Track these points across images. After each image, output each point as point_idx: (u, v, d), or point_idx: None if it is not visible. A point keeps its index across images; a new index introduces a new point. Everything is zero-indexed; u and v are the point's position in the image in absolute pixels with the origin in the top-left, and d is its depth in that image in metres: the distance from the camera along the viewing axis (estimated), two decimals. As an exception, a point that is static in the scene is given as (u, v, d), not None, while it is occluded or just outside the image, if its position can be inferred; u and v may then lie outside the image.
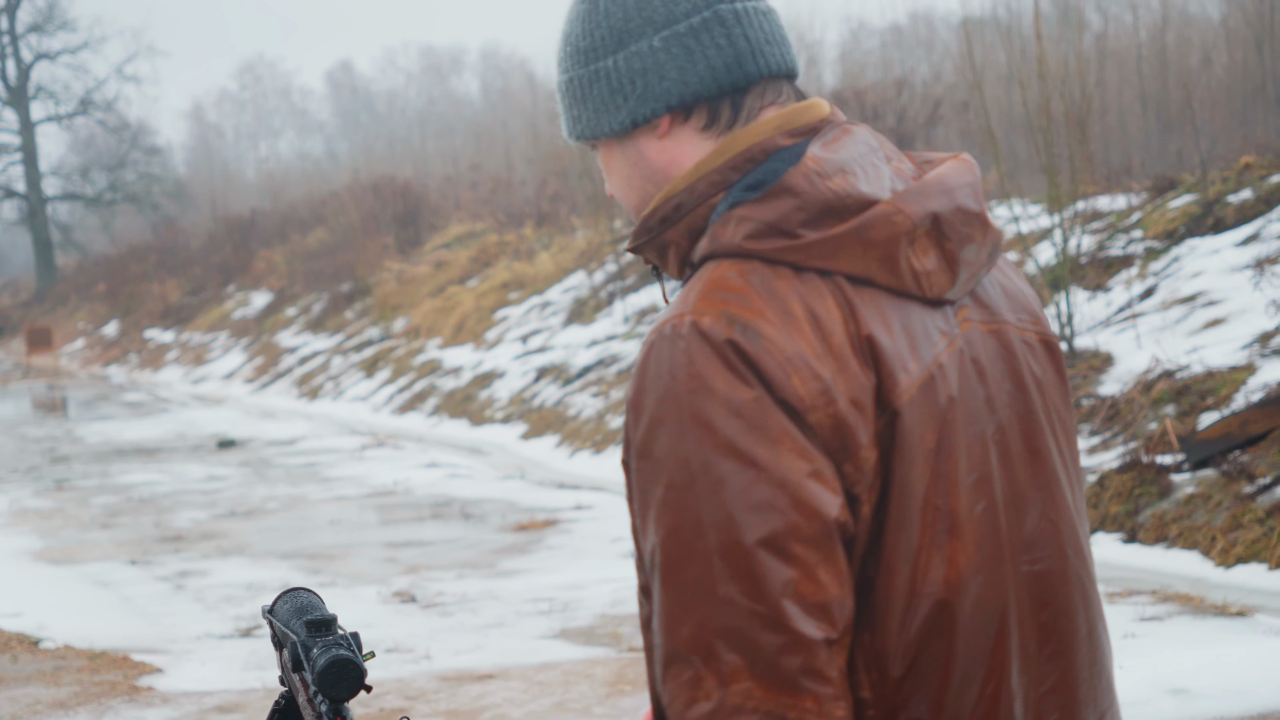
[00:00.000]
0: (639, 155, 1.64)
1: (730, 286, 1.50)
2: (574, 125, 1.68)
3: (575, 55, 1.65)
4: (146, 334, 33.76)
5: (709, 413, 1.45)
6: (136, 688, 6.65)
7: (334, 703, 1.87)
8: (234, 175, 57.76)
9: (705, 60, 1.59)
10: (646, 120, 1.61)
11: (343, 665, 1.85)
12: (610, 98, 1.62)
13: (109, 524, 11.63)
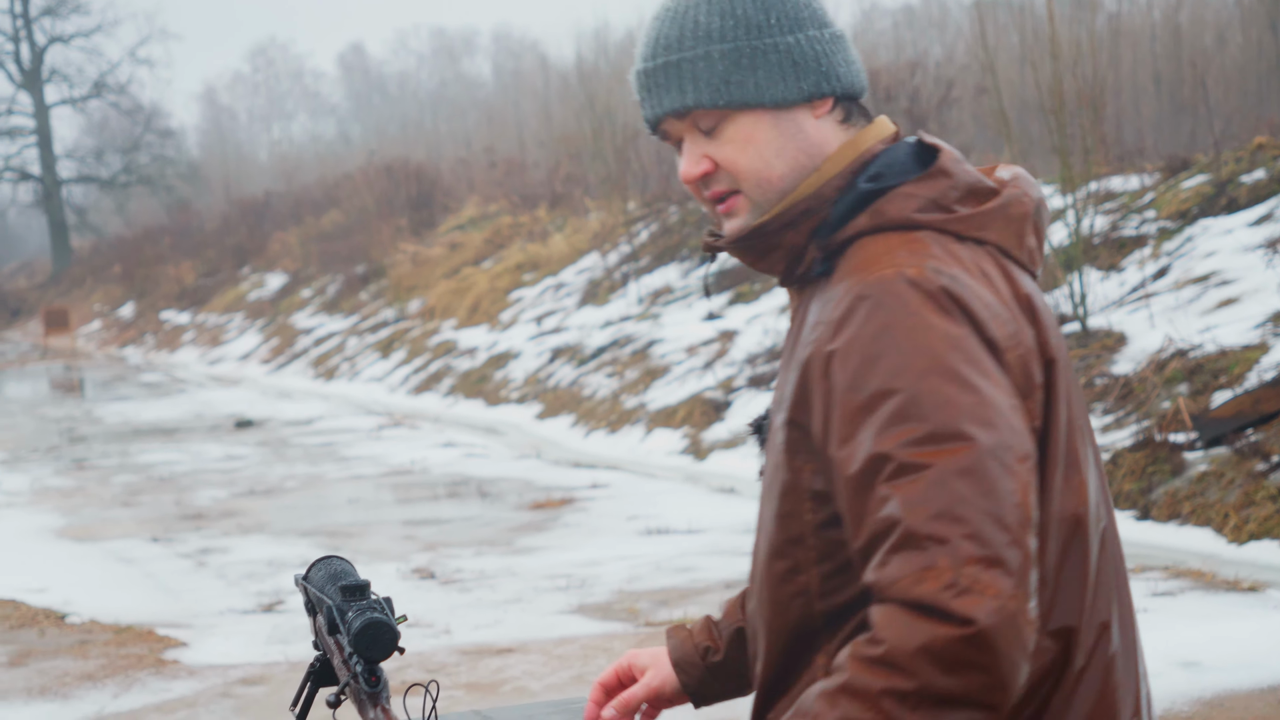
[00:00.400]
0: (797, 128, 1.75)
1: (920, 247, 1.68)
2: (729, 91, 1.74)
3: (746, 28, 1.74)
4: (162, 315, 33.91)
5: (931, 344, 1.61)
6: (162, 661, 6.76)
7: (369, 663, 1.95)
8: (247, 157, 57.90)
9: (855, 65, 1.79)
10: (819, 97, 1.75)
11: (378, 627, 1.93)
12: (789, 69, 1.74)
13: (130, 502, 11.75)
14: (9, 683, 6.55)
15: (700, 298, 16.42)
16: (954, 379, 1.60)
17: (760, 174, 1.75)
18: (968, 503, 1.54)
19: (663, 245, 18.75)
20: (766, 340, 13.76)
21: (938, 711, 1.51)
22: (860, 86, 1.79)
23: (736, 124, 1.75)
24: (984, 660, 1.51)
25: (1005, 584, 1.52)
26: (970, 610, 1.50)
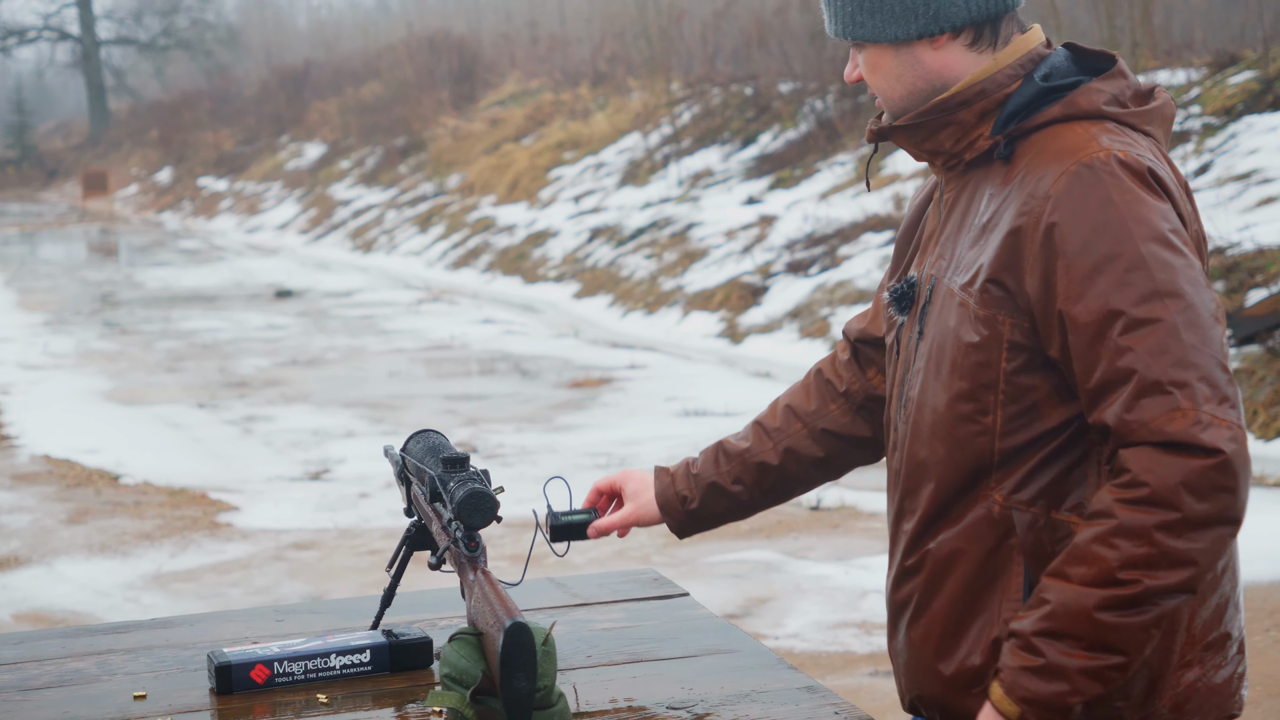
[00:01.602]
0: (915, 60, 2.03)
1: (1118, 134, 1.96)
2: (855, 28, 2.04)
3: None
4: (200, 182, 34.02)
5: (1148, 215, 1.89)
6: (216, 524, 6.98)
7: (469, 530, 2.10)
8: (286, 24, 57.54)
9: None
10: (932, 35, 2.01)
11: (480, 497, 2.08)
12: (903, 13, 2.01)
13: (174, 368, 11.96)
14: (70, 539, 6.78)
15: (740, 181, 16.48)
16: (1168, 245, 1.87)
17: (885, 92, 2.06)
18: (1197, 350, 1.82)
19: (704, 128, 18.74)
20: (806, 226, 13.82)
21: (1199, 533, 1.79)
22: (992, 12, 2.01)
23: (868, 51, 2.06)
24: (1230, 483, 1.80)
25: (1234, 416, 1.82)
26: (1216, 441, 1.79)
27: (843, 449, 2.30)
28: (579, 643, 2.33)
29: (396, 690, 2.18)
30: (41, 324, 14.89)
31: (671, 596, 2.54)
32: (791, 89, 18.53)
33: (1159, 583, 1.80)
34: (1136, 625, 1.82)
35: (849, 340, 2.31)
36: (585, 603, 2.54)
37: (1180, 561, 1.80)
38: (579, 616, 2.46)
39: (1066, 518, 1.94)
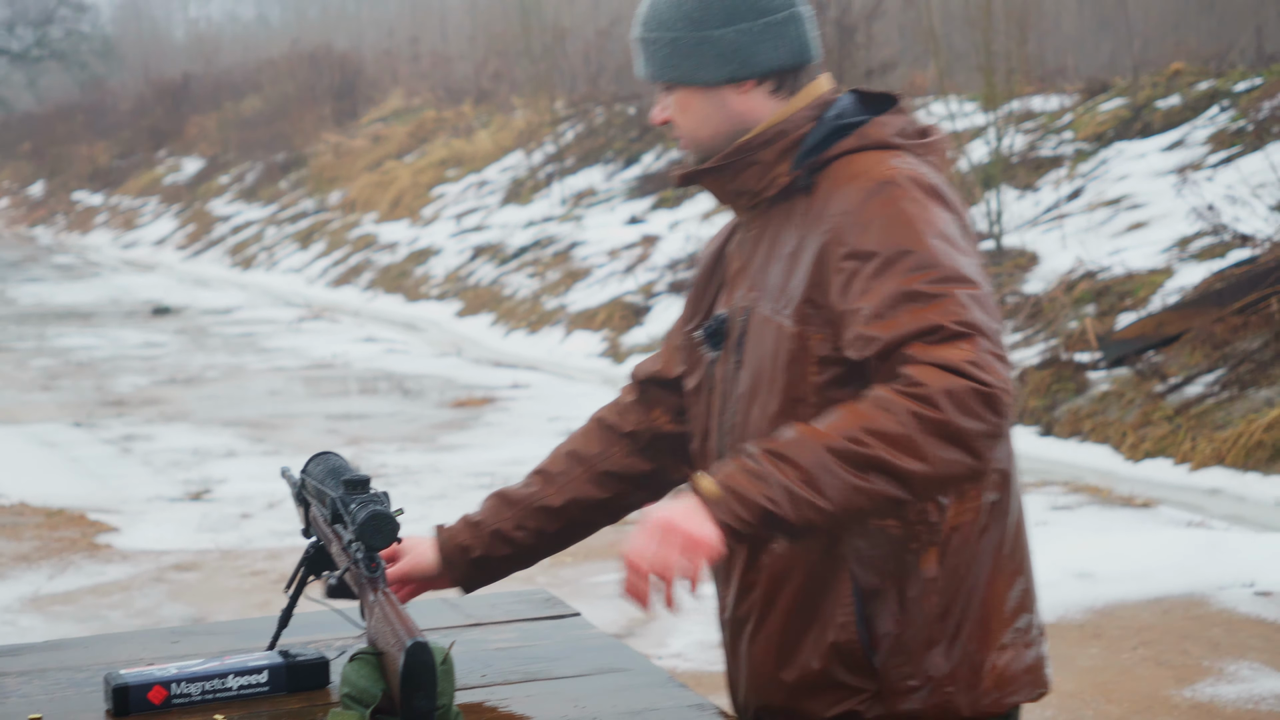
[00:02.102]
0: (723, 103, 2.16)
1: (905, 158, 2.12)
2: (669, 70, 2.17)
3: (687, 21, 2.15)
4: (74, 196, 33.47)
5: (935, 219, 2.04)
6: (95, 545, 6.91)
7: (370, 551, 2.14)
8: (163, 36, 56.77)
9: (787, 45, 2.17)
10: (740, 80, 2.15)
11: (382, 518, 2.12)
12: (716, 58, 2.15)
13: (50, 386, 11.79)
14: (-54, 562, 6.69)
15: (623, 201, 16.58)
16: (955, 244, 2.03)
17: (692, 134, 2.19)
18: (987, 319, 1.97)
19: (588, 147, 18.83)
20: (688, 246, 13.95)
21: (944, 443, 1.89)
22: (794, 63, 2.16)
23: (679, 94, 2.19)
24: (990, 419, 1.91)
25: (1009, 377, 1.96)
26: (987, 378, 1.92)
27: (625, 490, 2.41)
28: (473, 662, 2.38)
29: (294, 710, 2.22)
30: (-89, 341, 14.60)
31: (563, 616, 2.60)
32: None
33: (891, 460, 1.89)
34: (851, 484, 1.89)
35: (637, 382, 2.42)
36: (479, 623, 2.59)
37: (918, 454, 1.89)
38: (473, 636, 2.51)
39: (882, 523, 2.05)
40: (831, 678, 2.09)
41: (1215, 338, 8.65)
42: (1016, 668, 2.12)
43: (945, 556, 2.08)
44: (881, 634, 2.08)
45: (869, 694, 2.08)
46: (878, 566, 2.07)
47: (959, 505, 2.08)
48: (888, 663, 2.08)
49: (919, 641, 2.08)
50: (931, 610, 2.08)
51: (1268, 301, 8.60)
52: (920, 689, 2.08)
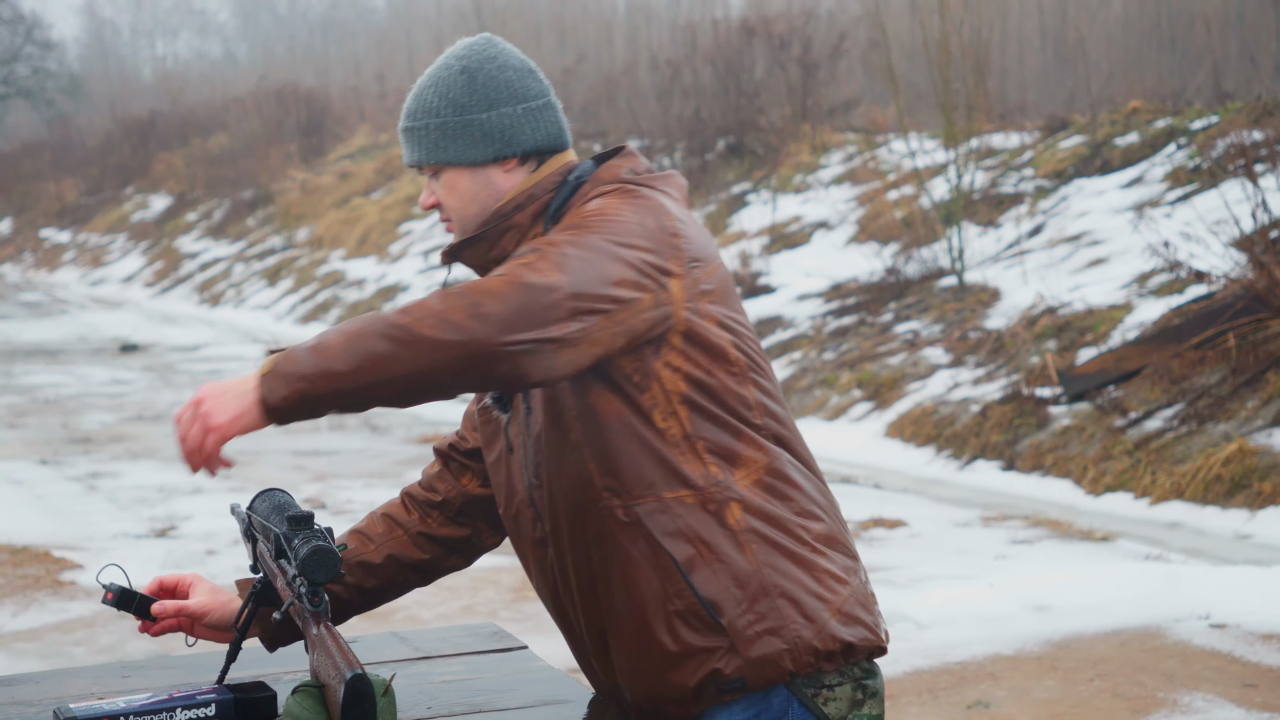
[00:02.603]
0: (489, 181, 2.34)
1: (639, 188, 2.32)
2: (439, 153, 2.34)
3: (453, 107, 2.33)
4: (42, 233, 33.40)
5: (620, 214, 2.23)
6: (59, 582, 6.91)
7: (313, 585, 2.19)
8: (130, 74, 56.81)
9: (545, 129, 2.36)
10: (505, 159, 2.33)
11: (324, 554, 2.17)
12: (483, 138, 2.32)
13: (16, 424, 11.77)
14: (-93, 600, 6.68)
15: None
16: (620, 241, 2.21)
17: (461, 212, 2.35)
18: (567, 277, 2.15)
19: (553, 183, 18.92)
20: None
21: (445, 324, 2.06)
22: (552, 145, 2.35)
23: (447, 175, 2.35)
24: (494, 306, 2.08)
25: (553, 298, 2.13)
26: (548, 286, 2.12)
27: (440, 553, 2.52)
28: (419, 695, 2.42)
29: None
30: (-125, 379, 14.56)
31: (510, 650, 2.64)
32: (639, 146, 18.79)
33: (399, 321, 2.08)
34: (353, 338, 2.07)
35: (440, 454, 2.55)
36: (426, 656, 2.63)
37: (426, 324, 2.08)
38: (420, 669, 2.55)
39: (676, 494, 2.21)
40: (688, 646, 2.20)
41: (1174, 373, 8.76)
42: (852, 601, 2.24)
43: (748, 509, 2.21)
44: (713, 593, 2.19)
45: (724, 648, 2.19)
46: (685, 535, 2.20)
47: (745, 467, 2.23)
48: (730, 616, 2.19)
49: (753, 589, 2.19)
50: (754, 559, 2.20)
51: (1224, 337, 8.71)
52: (767, 632, 2.19)
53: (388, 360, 2.07)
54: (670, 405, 2.21)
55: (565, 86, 22.36)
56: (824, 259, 13.26)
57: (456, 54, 2.37)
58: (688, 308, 2.21)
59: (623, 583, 2.24)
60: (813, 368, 11.09)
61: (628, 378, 2.21)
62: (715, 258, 2.29)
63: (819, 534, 2.25)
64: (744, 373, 2.25)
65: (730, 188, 16.45)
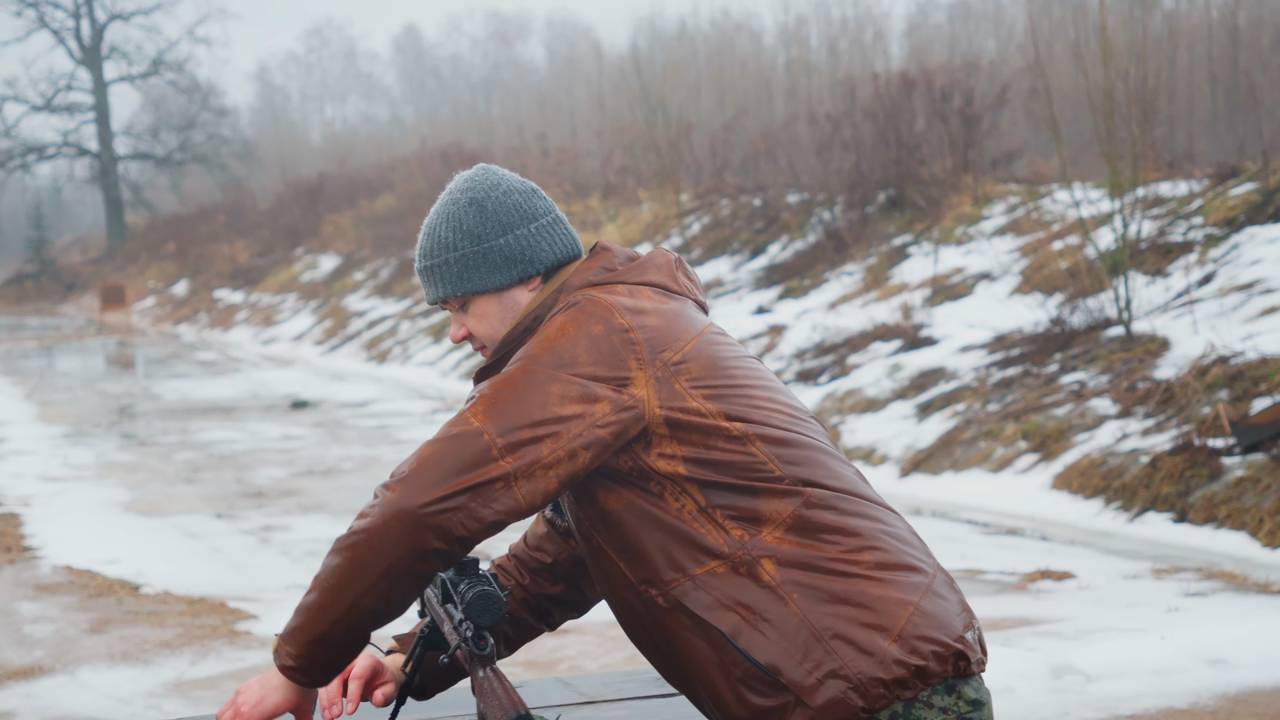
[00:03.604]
0: (514, 302, 2.43)
1: (590, 293, 2.38)
2: (462, 284, 2.42)
3: (469, 238, 2.42)
4: (216, 294, 34.39)
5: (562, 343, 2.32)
6: (235, 632, 7.09)
7: (479, 629, 2.24)
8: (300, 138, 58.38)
9: (560, 242, 2.44)
10: (528, 279, 2.42)
11: (489, 598, 2.23)
12: (504, 263, 2.41)
13: (192, 479, 12.11)
14: (93, 648, 6.90)
15: (750, 291, 16.69)
16: (552, 370, 2.27)
17: (492, 337, 2.44)
18: (480, 426, 2.28)
19: (714, 238, 19.01)
20: (815, 335, 14.01)
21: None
22: (569, 257, 2.44)
23: (475, 305, 2.44)
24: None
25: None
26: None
27: (551, 609, 2.58)
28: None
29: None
30: (61, 436, 15.07)
31: (673, 695, 2.67)
32: (799, 200, 18.82)
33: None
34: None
35: (546, 518, 2.60)
36: (591, 700, 2.67)
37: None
38: (585, 714, 2.59)
39: (706, 568, 2.22)
40: (757, 708, 2.21)
41: (1351, 422, 8.50)
42: (919, 622, 2.20)
43: (782, 562, 2.21)
44: (767, 655, 2.19)
45: (791, 703, 2.19)
46: (725, 605, 2.21)
47: (770, 521, 2.22)
48: (788, 672, 2.18)
49: (803, 639, 2.18)
50: (799, 608, 2.19)
51: (1405, 384, 8.43)
52: (828, 676, 2.18)
53: (342, 571, 2.21)
54: (678, 486, 2.24)
55: (724, 142, 22.48)
56: (987, 310, 13.13)
57: (460, 188, 2.45)
58: (661, 403, 2.23)
59: (683, 659, 2.27)
60: (976, 419, 10.97)
61: (627, 475, 2.25)
62: (688, 332, 2.30)
63: (871, 562, 2.23)
64: (745, 435, 2.25)
65: (891, 240, 16.38)
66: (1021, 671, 5.75)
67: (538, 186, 2.47)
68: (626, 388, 2.22)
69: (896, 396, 11.97)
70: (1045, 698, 5.58)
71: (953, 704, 2.21)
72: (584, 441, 2.19)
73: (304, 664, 2.25)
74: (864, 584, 2.21)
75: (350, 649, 2.26)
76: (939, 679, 2.20)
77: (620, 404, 2.21)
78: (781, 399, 2.33)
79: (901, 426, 11.34)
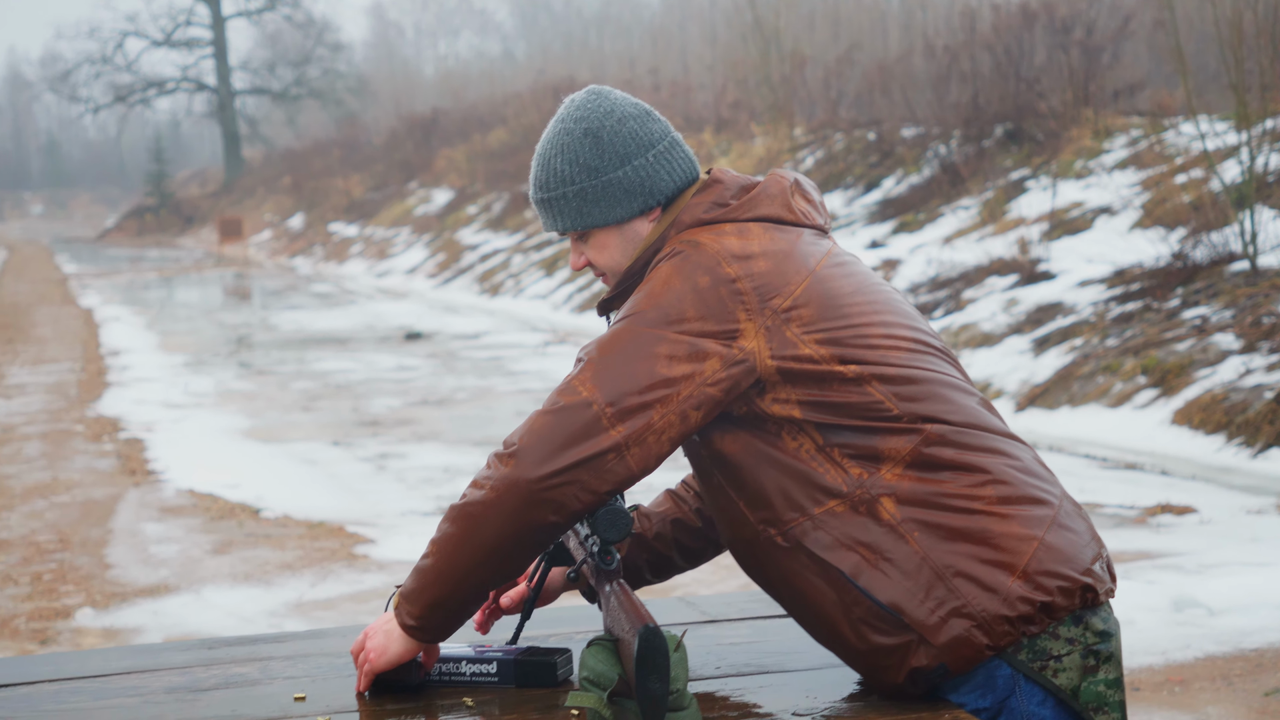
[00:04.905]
0: (635, 234, 2.37)
1: (708, 233, 2.32)
2: (583, 219, 2.36)
3: (586, 171, 2.35)
4: (330, 227, 34.75)
5: (665, 298, 2.29)
6: (354, 555, 7.20)
7: (605, 544, 2.25)
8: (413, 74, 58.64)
9: (678, 168, 2.37)
10: (649, 209, 2.36)
11: (616, 513, 2.23)
12: (624, 196, 2.34)
13: (309, 407, 12.28)
14: (216, 568, 7.05)
15: (863, 225, 16.56)
16: (662, 323, 2.23)
17: (615, 268, 2.39)
18: (589, 392, 2.23)
19: (827, 172, 18.86)
20: (930, 270, 13.87)
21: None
22: (687, 181, 2.36)
23: (595, 237, 2.38)
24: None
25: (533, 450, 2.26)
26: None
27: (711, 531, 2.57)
28: (708, 655, 2.46)
29: (538, 695, 2.33)
30: (181, 364, 15.35)
31: (796, 614, 2.66)
32: (914, 134, 18.59)
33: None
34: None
35: None
36: (714, 619, 2.67)
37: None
38: (708, 632, 2.59)
39: (824, 507, 2.20)
40: (879, 646, 2.19)
41: None
42: (1044, 557, 2.17)
43: (901, 499, 2.17)
44: (889, 595, 2.17)
45: (914, 642, 2.17)
46: (845, 544, 2.18)
47: (889, 459, 2.19)
48: (911, 611, 2.16)
49: (925, 577, 2.16)
50: (919, 546, 2.16)
51: None
52: (951, 615, 2.15)
53: (457, 540, 2.21)
54: (795, 426, 2.20)
55: (838, 76, 22.25)
56: (1106, 245, 12.91)
57: (573, 116, 2.37)
58: (772, 353, 2.18)
59: (803, 599, 2.25)
60: (1095, 354, 10.82)
61: (742, 418, 2.22)
62: (800, 272, 2.23)
63: (993, 497, 2.18)
64: (860, 375, 2.19)
65: (1008, 174, 16.14)
66: (1142, 604, 5.69)
67: (651, 108, 2.39)
68: (736, 341, 2.17)
69: (1012, 331, 11.84)
70: (1167, 630, 5.52)
71: (1080, 635, 2.19)
72: (695, 402, 2.16)
73: (424, 624, 2.27)
74: (986, 520, 2.17)
75: (468, 610, 2.27)
76: (1065, 612, 2.17)
77: (730, 359, 2.17)
78: (901, 331, 2.26)
79: (1017, 361, 11.21)
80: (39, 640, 6.03)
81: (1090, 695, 2.19)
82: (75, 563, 7.23)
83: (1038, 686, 2.17)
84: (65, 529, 7.96)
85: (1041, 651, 2.17)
